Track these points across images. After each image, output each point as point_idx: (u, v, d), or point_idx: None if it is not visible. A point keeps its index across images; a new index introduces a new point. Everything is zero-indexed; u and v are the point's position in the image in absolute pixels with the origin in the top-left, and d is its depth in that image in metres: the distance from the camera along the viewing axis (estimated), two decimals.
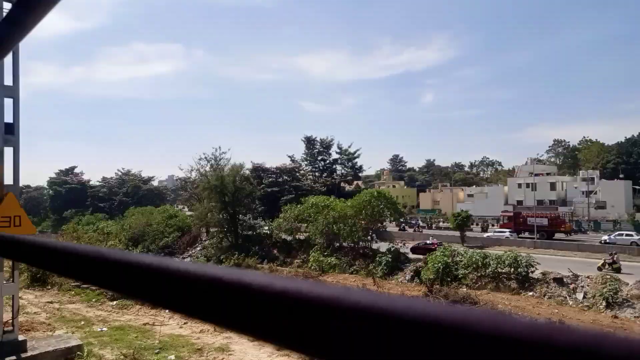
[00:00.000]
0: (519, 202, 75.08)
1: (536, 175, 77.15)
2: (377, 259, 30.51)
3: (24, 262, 0.86)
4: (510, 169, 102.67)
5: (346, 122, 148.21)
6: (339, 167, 50.49)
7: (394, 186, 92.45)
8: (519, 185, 76.37)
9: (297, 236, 39.97)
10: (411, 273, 28.71)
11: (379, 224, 34.02)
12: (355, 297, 0.31)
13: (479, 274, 25.75)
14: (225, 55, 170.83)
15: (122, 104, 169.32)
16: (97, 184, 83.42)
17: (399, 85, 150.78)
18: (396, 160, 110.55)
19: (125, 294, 0.53)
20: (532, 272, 24.42)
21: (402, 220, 39.17)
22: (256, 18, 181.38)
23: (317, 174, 48.66)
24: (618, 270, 26.40)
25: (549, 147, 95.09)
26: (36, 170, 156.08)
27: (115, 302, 22.27)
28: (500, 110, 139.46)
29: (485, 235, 43.51)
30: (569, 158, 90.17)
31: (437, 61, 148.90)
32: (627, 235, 40.07)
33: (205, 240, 49.60)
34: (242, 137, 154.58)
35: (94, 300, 23.31)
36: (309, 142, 51.17)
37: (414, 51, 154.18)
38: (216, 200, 42.61)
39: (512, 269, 24.42)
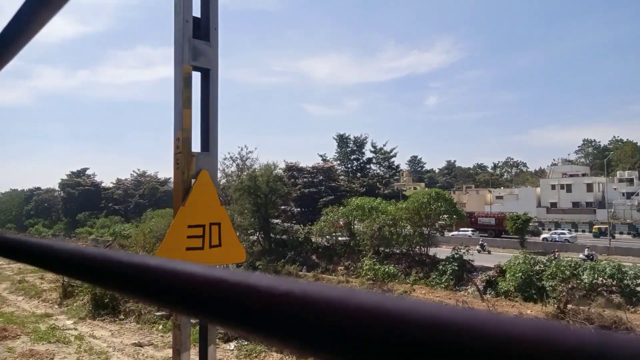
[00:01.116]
0: (553, 204, 71.65)
1: (571, 175, 73.73)
2: (441, 267, 27.30)
3: (27, 264, 0.83)
4: (537, 170, 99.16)
5: (350, 125, 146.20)
6: (373, 167, 47.30)
7: (415, 188, 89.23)
8: (552, 187, 72.87)
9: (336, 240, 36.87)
10: (483, 284, 25.51)
11: (441, 228, 30.89)
12: (361, 299, 0.31)
13: (569, 286, 22.47)
14: (230, 58, 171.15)
15: (128, 107, 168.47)
16: (111, 185, 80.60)
17: (403, 88, 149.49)
18: (415, 162, 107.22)
19: (132, 297, 0.53)
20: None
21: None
22: (261, 22, 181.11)
23: (350, 173, 45.47)
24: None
25: (578, 147, 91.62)
26: (43, 172, 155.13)
27: (233, 346, 16.26)
28: (505, 113, 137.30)
29: (450, 234, 40.70)
30: (599, 158, 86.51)
31: (441, 64, 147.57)
32: (560, 234, 44.25)
33: None
34: (246, 140, 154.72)
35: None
36: (342, 140, 48.06)
37: (418, 54, 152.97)
38: (248, 202, 39.56)
39: (615, 281, 21.15)
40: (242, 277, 0.39)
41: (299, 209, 39.61)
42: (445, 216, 29.96)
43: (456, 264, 26.87)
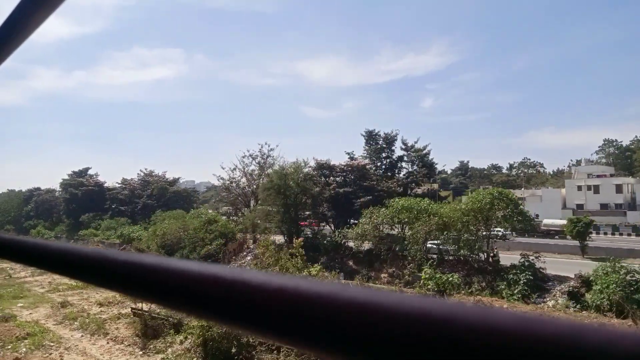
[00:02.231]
0: (579, 206, 68.75)
1: (598, 176, 70.92)
2: (512, 276, 24.16)
3: (25, 264, 0.85)
4: (554, 170, 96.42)
5: (347, 127, 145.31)
6: (404, 165, 44.16)
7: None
8: (579, 188, 69.96)
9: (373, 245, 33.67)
10: (564, 296, 22.40)
11: (505, 232, 27.78)
12: (351, 294, 0.32)
13: None
14: (226, 60, 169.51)
15: (124, 108, 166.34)
16: (117, 185, 77.04)
17: (400, 89, 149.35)
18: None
19: (129, 294, 0.54)
20: None
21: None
22: (257, 24, 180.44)
23: (380, 172, 42.32)
24: None
25: (599, 147, 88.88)
26: (40, 172, 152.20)
27: None
28: (502, 115, 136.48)
29: None
30: (621, 159, 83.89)
31: (437, 66, 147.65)
32: None
33: (254, 249, 43.30)
34: (243, 142, 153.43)
35: None
36: (370, 136, 44.93)
37: (414, 56, 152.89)
38: (276, 203, 36.36)
39: None
40: (237, 274, 0.40)
41: (332, 212, 36.33)
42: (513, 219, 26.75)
43: (530, 273, 23.74)
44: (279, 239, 42.50)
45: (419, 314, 0.28)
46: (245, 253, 43.89)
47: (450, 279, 23.94)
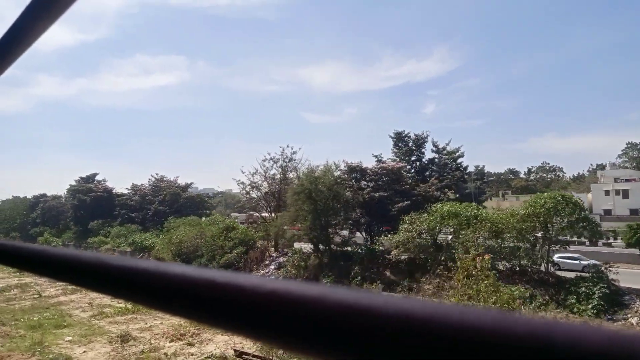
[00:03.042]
0: (607, 212, 66.10)
1: (626, 180, 68.35)
2: (583, 289, 21.67)
3: (26, 271, 0.85)
4: (574, 175, 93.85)
5: (349, 133, 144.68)
6: (435, 168, 41.78)
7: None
8: (606, 193, 67.34)
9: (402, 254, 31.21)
10: None
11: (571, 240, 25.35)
12: (339, 296, 0.33)
13: None
14: (228, 67, 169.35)
15: (126, 115, 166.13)
16: (126, 191, 74.84)
17: (401, 96, 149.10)
18: None
19: (126, 299, 0.54)
20: None
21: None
22: (259, 31, 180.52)
23: (409, 175, 39.94)
24: None
25: (622, 150, 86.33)
26: (43, 179, 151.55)
27: None
28: (503, 121, 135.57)
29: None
30: None
31: (439, 72, 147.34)
32: None
33: (277, 257, 40.89)
34: (245, 148, 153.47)
35: None
36: (400, 138, 42.64)
37: (415, 63, 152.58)
38: (304, 208, 34.00)
39: None
40: (230, 278, 0.40)
41: (365, 217, 33.90)
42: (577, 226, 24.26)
43: (604, 285, 21.25)
44: (304, 246, 40.29)
45: (404, 315, 0.29)
46: (268, 262, 41.53)
47: (515, 292, 21.45)
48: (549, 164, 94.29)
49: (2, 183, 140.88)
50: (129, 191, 74.22)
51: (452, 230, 29.39)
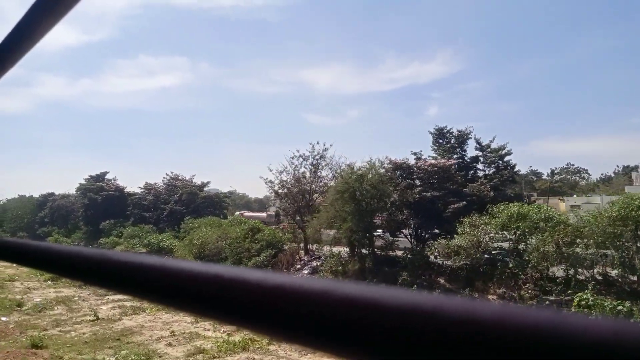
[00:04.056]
0: None
1: None
2: None
3: (28, 266, 0.89)
4: (601, 177, 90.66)
5: (351, 135, 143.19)
6: (480, 166, 38.85)
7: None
8: None
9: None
10: None
11: None
12: (344, 290, 0.33)
13: None
14: (230, 68, 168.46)
15: (129, 115, 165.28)
16: (139, 190, 72.16)
17: (404, 98, 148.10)
18: None
19: (131, 295, 0.55)
20: None
21: None
22: (261, 32, 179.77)
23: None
24: None
25: None
26: (48, 179, 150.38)
27: None
28: (505, 123, 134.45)
29: None
30: None
31: (442, 74, 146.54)
32: None
33: (310, 261, 38.03)
34: (247, 149, 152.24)
35: None
36: (441, 134, 39.70)
37: (418, 65, 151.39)
38: (344, 209, 31.14)
39: None
40: (235, 273, 0.41)
41: (414, 219, 30.96)
42: None
43: None
44: (335, 250, 37.44)
45: (408, 308, 0.29)
46: (299, 266, 38.69)
47: (620, 307, 18.48)
48: (573, 165, 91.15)
49: (6, 183, 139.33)
50: (142, 190, 71.51)
51: (513, 234, 26.49)
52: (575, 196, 76.18)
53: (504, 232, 26.00)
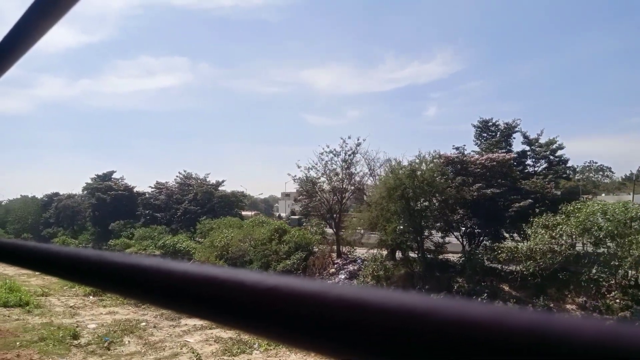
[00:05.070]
0: None
1: None
2: None
3: (27, 268, 0.89)
4: (626, 175, 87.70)
5: (352, 135, 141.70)
6: (528, 162, 35.93)
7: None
8: None
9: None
10: None
11: None
12: (338, 292, 0.33)
13: None
14: (230, 68, 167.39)
15: (129, 116, 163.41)
16: (150, 189, 69.14)
17: (403, 98, 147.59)
18: None
19: (128, 296, 0.55)
20: None
21: None
22: (262, 32, 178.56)
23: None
24: None
25: None
26: (49, 180, 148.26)
27: None
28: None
29: None
30: None
31: (441, 75, 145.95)
32: None
33: (346, 265, 35.03)
34: (245, 149, 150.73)
35: None
36: (485, 127, 36.74)
37: (418, 65, 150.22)
38: (389, 209, 28.19)
39: None
40: (232, 274, 0.41)
41: (472, 219, 27.94)
42: None
43: None
44: (367, 252, 34.52)
45: (403, 309, 0.29)
46: (333, 270, 35.70)
47: None
48: (596, 162, 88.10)
49: (6, 183, 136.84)
50: (153, 189, 68.49)
51: (592, 237, 23.52)
52: (603, 195, 73.26)
53: (584, 233, 23.02)
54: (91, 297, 24.42)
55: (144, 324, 19.46)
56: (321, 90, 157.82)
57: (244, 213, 61.58)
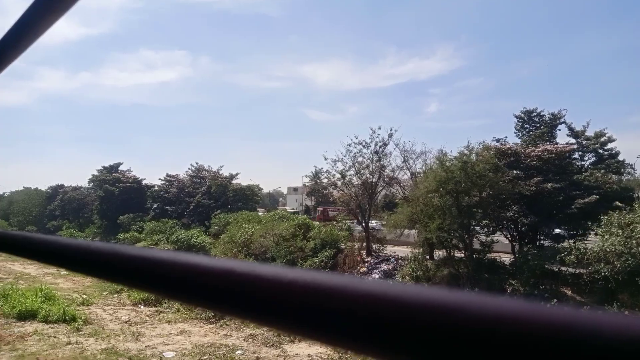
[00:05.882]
0: None
1: None
2: None
3: (26, 258, 0.87)
4: None
5: (352, 131, 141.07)
6: (575, 156, 33.39)
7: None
8: None
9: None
10: None
11: None
12: (359, 286, 0.33)
13: None
14: (230, 62, 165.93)
15: (129, 110, 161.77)
16: (160, 182, 66.82)
17: (404, 94, 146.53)
18: None
19: (143, 289, 0.55)
20: None
21: None
22: (262, 27, 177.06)
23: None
24: None
25: None
26: (51, 172, 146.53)
27: None
28: (504, 121, 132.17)
29: None
30: None
31: (442, 71, 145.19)
32: None
33: (379, 263, 32.73)
34: (244, 144, 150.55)
35: None
36: (529, 118, 34.30)
37: (419, 61, 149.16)
38: (432, 204, 25.84)
39: None
40: (248, 268, 0.40)
41: (528, 217, 25.52)
42: None
43: None
44: (399, 250, 32.27)
45: (429, 305, 0.29)
46: (366, 269, 33.40)
47: None
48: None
49: (8, 175, 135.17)
50: (163, 182, 66.13)
51: None
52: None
53: None
54: (142, 306, 20.77)
55: (239, 352, 14.98)
56: (321, 85, 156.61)
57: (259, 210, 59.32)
